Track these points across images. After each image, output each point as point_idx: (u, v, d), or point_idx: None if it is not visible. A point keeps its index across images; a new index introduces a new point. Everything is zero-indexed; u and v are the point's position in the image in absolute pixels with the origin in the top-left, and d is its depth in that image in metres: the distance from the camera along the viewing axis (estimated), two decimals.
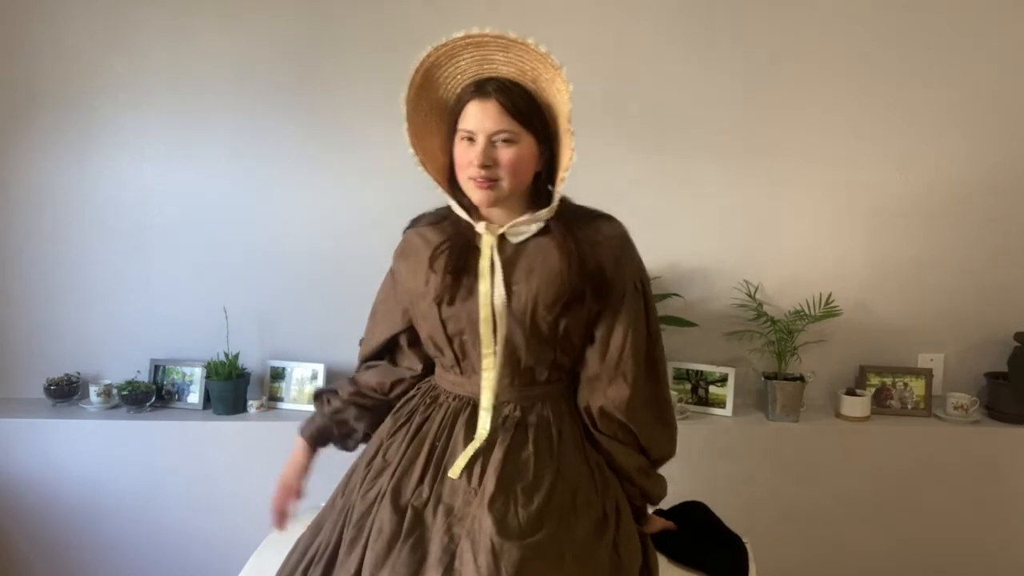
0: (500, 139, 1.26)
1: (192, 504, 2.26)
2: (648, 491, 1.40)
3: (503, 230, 1.32)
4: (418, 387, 1.46)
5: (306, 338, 2.42)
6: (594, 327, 1.34)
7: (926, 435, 2.27)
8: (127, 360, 2.41)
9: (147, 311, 2.42)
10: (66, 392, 2.36)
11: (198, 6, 2.32)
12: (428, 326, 1.36)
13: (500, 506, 1.21)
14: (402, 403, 1.45)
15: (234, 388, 2.33)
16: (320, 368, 2.39)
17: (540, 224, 1.31)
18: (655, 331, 1.39)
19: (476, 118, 1.26)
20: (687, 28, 2.34)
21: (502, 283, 1.28)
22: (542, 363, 1.33)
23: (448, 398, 1.37)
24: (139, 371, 2.41)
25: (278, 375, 2.43)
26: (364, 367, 1.52)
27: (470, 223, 1.34)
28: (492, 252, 1.30)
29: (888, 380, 2.41)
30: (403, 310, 1.44)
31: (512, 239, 1.32)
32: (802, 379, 2.32)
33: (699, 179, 2.38)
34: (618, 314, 1.33)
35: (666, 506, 1.56)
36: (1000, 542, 2.29)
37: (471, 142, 1.27)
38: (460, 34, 1.26)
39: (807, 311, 2.30)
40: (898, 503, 2.27)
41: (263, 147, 2.37)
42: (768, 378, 2.33)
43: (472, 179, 1.27)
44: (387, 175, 2.27)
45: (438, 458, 1.30)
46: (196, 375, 2.39)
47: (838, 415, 2.34)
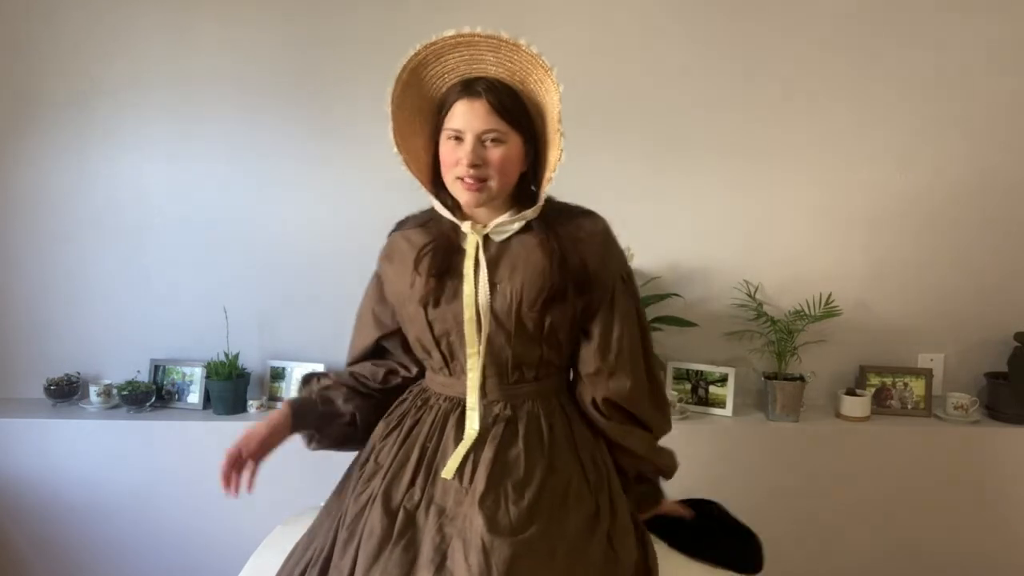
0: (489, 139, 1.26)
1: (192, 504, 2.26)
2: (662, 465, 1.44)
3: (488, 229, 1.32)
4: (410, 390, 1.45)
5: (306, 338, 2.42)
6: (589, 323, 1.35)
7: (926, 435, 2.27)
8: (127, 360, 2.41)
9: (147, 311, 2.42)
10: (66, 392, 2.36)
11: (198, 6, 2.32)
12: (415, 329, 1.36)
13: (491, 503, 1.20)
14: (394, 407, 1.45)
15: (234, 388, 2.33)
16: (320, 368, 2.39)
17: (521, 222, 1.32)
18: (644, 320, 1.41)
19: (465, 117, 1.26)
20: (687, 29, 2.34)
21: (487, 282, 1.29)
22: (530, 361, 1.33)
23: (438, 400, 1.37)
24: (139, 371, 2.41)
25: (278, 375, 2.43)
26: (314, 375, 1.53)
27: (453, 223, 1.34)
28: (478, 251, 1.30)
29: (888, 380, 2.41)
30: (390, 313, 1.43)
31: (495, 237, 1.33)
32: (802, 379, 2.32)
33: (699, 179, 2.39)
34: (613, 310, 1.35)
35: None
36: (1000, 542, 2.29)
37: (458, 141, 1.26)
38: (450, 33, 1.26)
39: (807, 311, 2.30)
40: (898, 503, 2.27)
41: (263, 147, 2.37)
42: (768, 378, 2.33)
43: (460, 179, 1.27)
44: (387, 175, 2.23)
45: (429, 459, 1.30)
46: (196, 375, 2.39)
47: (838, 415, 2.34)
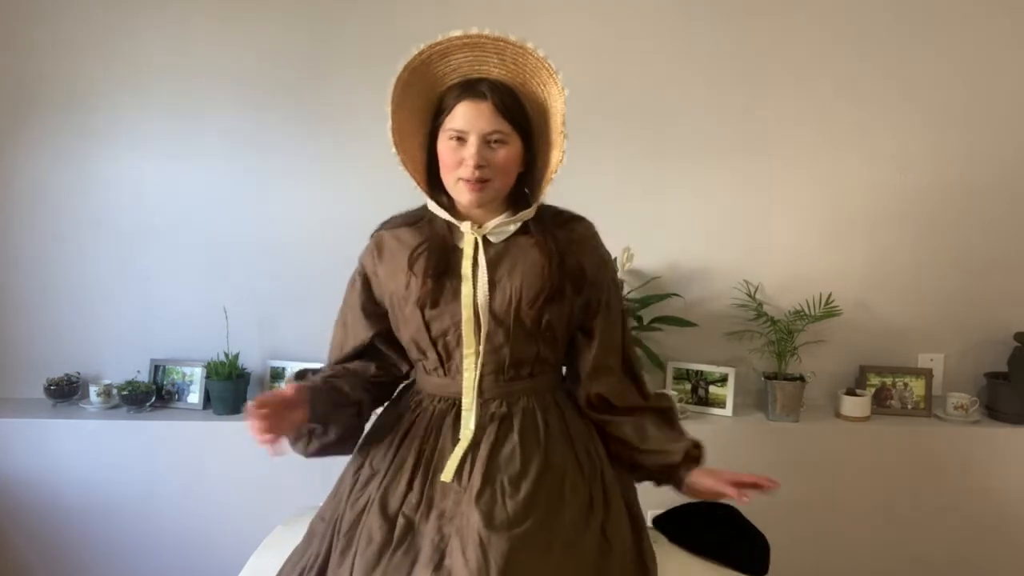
0: (493, 140, 1.26)
1: (192, 504, 2.26)
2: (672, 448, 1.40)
3: (488, 229, 1.32)
4: (400, 392, 1.45)
5: (306, 338, 2.41)
6: (589, 323, 1.38)
7: (926, 435, 2.27)
8: (127, 360, 2.41)
9: (147, 311, 2.42)
10: (66, 392, 2.36)
11: (197, 6, 2.32)
12: (411, 329, 1.35)
13: (487, 499, 1.21)
14: (385, 409, 1.45)
15: (234, 388, 2.33)
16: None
17: (518, 224, 1.33)
18: (627, 318, 1.51)
19: (469, 118, 1.26)
20: (687, 29, 2.34)
21: (486, 282, 1.29)
22: (526, 358, 1.34)
23: (432, 401, 1.37)
24: (139, 371, 2.41)
25: (278, 375, 2.43)
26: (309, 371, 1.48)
27: (447, 224, 1.34)
28: (478, 251, 1.30)
29: (888, 380, 2.41)
30: (381, 312, 1.41)
31: (493, 238, 1.33)
32: (802, 379, 2.31)
33: (699, 179, 2.38)
34: (610, 311, 1.39)
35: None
36: (1000, 542, 2.28)
37: (461, 142, 1.27)
38: (457, 33, 1.26)
39: (807, 311, 2.29)
40: (898, 503, 2.27)
41: (263, 147, 2.37)
42: (768, 378, 2.32)
43: (463, 179, 1.27)
44: (387, 175, 2.24)
45: (426, 462, 1.30)
46: (196, 375, 2.39)
47: (838, 415, 2.34)
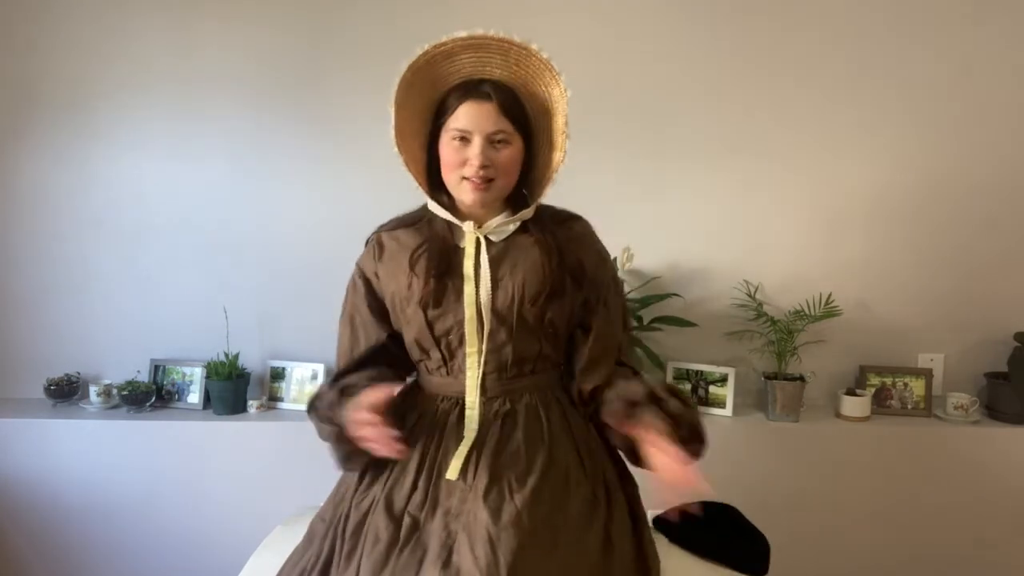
0: (497, 139, 1.28)
1: (192, 504, 2.26)
2: (676, 412, 1.25)
3: (491, 228, 1.33)
4: (400, 393, 1.45)
5: (306, 338, 2.42)
6: (588, 321, 1.38)
7: (926, 435, 2.27)
8: (127, 360, 2.41)
9: (147, 311, 2.42)
10: (66, 392, 2.36)
11: (198, 6, 2.32)
12: (414, 330, 1.35)
13: (494, 497, 1.21)
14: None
15: (234, 388, 2.33)
16: (320, 368, 2.39)
17: (518, 223, 1.34)
18: (627, 311, 1.50)
19: (473, 118, 1.27)
20: (687, 29, 2.34)
21: (488, 280, 1.30)
22: (529, 356, 1.34)
23: (436, 400, 1.37)
24: (139, 371, 2.41)
25: (278, 375, 2.43)
26: (345, 381, 1.34)
27: (448, 223, 1.35)
28: (481, 250, 1.31)
29: (888, 380, 2.41)
30: (384, 315, 1.41)
31: (493, 237, 1.34)
32: (802, 379, 2.31)
33: (699, 179, 2.38)
34: (608, 309, 1.39)
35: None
36: (1000, 542, 2.28)
37: (464, 142, 1.28)
38: (463, 34, 1.26)
39: (807, 311, 2.29)
40: (898, 503, 2.27)
41: (264, 147, 2.37)
42: (768, 378, 2.32)
43: (468, 179, 1.28)
44: (387, 175, 2.24)
45: (431, 461, 1.31)
46: (196, 375, 2.39)
47: (838, 415, 2.34)
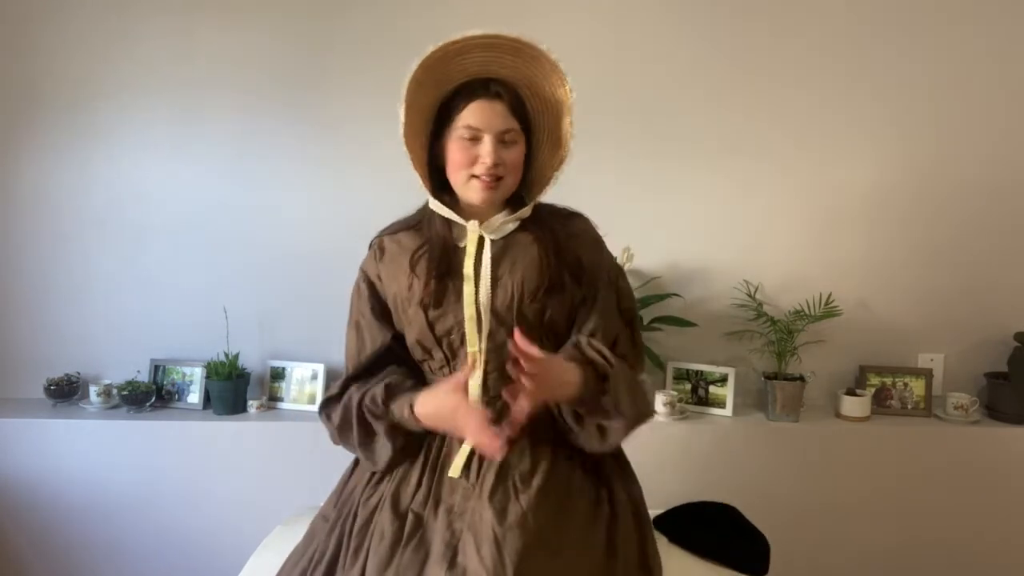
0: (507, 138, 1.29)
1: (192, 504, 2.26)
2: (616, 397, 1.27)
3: (494, 227, 1.34)
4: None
5: (306, 338, 2.42)
6: (585, 319, 1.37)
7: (926, 435, 2.27)
8: (127, 360, 2.41)
9: (147, 311, 2.42)
10: (66, 392, 2.36)
11: (199, 9, 2.32)
12: (415, 330, 1.35)
13: (500, 497, 1.21)
14: None
15: (234, 388, 2.33)
16: (320, 368, 2.39)
17: (518, 221, 1.35)
18: (635, 310, 1.45)
19: (483, 116, 1.27)
20: (687, 29, 2.34)
21: (489, 279, 1.30)
22: None
23: None
24: (139, 371, 2.41)
25: (278, 375, 2.43)
26: (358, 384, 1.37)
27: (448, 224, 1.35)
28: (484, 249, 1.32)
29: (888, 380, 2.41)
30: (389, 317, 1.41)
31: (493, 236, 1.34)
32: (802, 379, 2.31)
33: (699, 179, 2.39)
34: (608, 306, 1.38)
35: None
36: (1000, 542, 2.28)
37: (474, 140, 1.28)
38: (477, 33, 1.27)
39: (807, 311, 2.29)
40: (898, 503, 2.27)
41: (264, 147, 2.37)
42: (768, 378, 2.32)
43: (477, 177, 1.29)
44: (387, 175, 2.26)
45: (434, 460, 1.31)
46: (196, 375, 2.39)
47: (838, 415, 2.34)
